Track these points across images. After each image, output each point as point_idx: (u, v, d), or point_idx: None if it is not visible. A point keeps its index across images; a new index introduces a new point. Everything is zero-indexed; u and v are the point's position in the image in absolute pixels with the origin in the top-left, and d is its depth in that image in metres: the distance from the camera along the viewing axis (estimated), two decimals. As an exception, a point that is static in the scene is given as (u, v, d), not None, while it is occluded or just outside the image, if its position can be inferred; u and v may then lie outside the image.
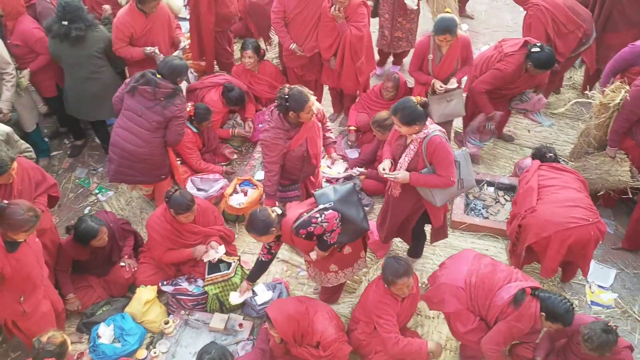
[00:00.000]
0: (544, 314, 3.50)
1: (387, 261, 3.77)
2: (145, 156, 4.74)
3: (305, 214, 3.70)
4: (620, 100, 4.71)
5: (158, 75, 4.59)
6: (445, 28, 4.75)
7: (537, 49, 4.88)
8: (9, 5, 5.04)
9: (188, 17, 6.26)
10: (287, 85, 4.16)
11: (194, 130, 5.35)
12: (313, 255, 3.87)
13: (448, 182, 3.87)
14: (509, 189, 5.42)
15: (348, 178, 5.34)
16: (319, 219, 3.64)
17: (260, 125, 5.82)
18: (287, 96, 4.04)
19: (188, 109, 5.16)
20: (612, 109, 4.78)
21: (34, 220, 3.47)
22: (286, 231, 3.73)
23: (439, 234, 4.52)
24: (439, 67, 5.01)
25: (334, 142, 4.67)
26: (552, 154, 4.70)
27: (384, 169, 3.98)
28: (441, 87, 5.01)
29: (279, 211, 3.74)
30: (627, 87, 4.72)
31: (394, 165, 4.02)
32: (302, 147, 4.28)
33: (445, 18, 4.80)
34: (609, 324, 3.45)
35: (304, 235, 3.67)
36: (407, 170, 3.92)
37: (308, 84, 5.94)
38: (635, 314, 4.52)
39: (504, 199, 5.38)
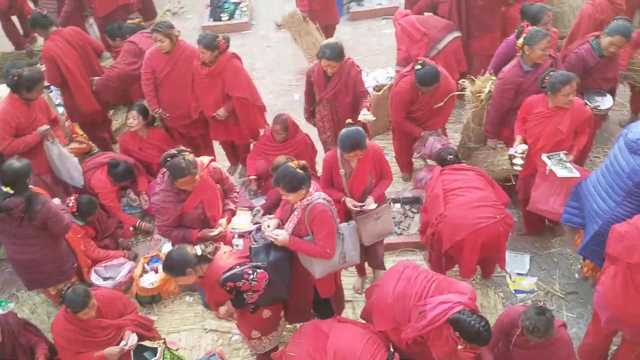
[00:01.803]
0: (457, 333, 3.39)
1: None
2: (44, 259, 4.48)
3: (238, 266, 3.57)
4: (489, 90, 4.94)
5: (6, 188, 4.20)
6: (353, 144, 3.98)
7: (419, 67, 4.92)
8: None
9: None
10: (176, 151, 3.99)
11: (80, 224, 5.02)
12: (222, 309, 3.74)
13: (324, 252, 3.73)
14: (414, 201, 5.56)
15: (259, 229, 5.22)
16: (251, 276, 3.53)
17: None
18: (167, 160, 3.94)
19: (71, 204, 4.90)
20: (484, 100, 5.00)
21: None
22: (211, 277, 3.59)
23: (335, 307, 4.36)
24: (350, 182, 4.23)
25: (230, 210, 4.49)
26: (451, 156, 4.62)
27: (268, 226, 3.85)
28: (355, 206, 4.20)
29: (199, 252, 3.58)
30: (494, 79, 4.95)
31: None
32: (198, 210, 4.14)
33: (350, 133, 4.00)
34: (538, 304, 3.48)
35: (228, 288, 3.54)
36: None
37: (195, 140, 5.82)
38: (558, 292, 4.74)
39: (411, 212, 5.51)
